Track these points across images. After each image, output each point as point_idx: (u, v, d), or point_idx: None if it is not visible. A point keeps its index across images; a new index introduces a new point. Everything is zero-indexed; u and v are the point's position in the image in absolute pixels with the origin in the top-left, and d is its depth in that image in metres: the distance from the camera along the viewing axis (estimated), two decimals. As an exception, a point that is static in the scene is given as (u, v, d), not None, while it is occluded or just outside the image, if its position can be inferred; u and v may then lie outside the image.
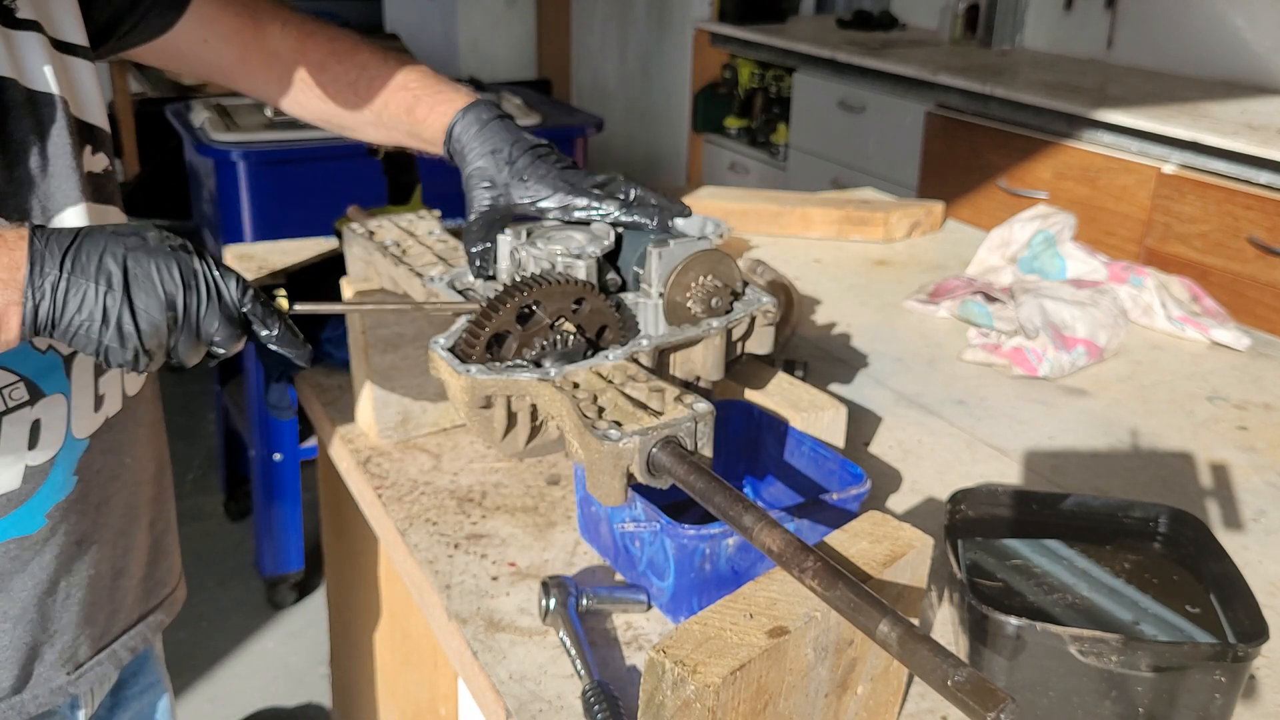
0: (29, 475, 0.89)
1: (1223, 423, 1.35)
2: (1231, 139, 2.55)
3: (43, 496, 0.91)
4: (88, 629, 0.98)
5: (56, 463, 0.91)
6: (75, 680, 0.98)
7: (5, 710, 0.94)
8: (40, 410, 0.89)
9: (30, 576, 0.92)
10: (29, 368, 0.88)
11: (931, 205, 2.06)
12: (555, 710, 0.85)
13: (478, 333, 0.86)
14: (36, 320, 0.72)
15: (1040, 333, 1.44)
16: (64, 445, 0.91)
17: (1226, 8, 3.21)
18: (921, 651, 0.60)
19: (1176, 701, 0.81)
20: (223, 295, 0.77)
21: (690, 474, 0.76)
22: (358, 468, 1.20)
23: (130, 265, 0.73)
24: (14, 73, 0.85)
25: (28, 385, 0.88)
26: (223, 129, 2.62)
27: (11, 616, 0.92)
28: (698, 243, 0.95)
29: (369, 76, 1.11)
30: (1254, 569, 1.05)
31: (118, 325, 0.73)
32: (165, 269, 0.74)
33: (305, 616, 2.73)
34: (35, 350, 0.88)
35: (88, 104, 0.93)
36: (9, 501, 0.89)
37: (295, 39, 1.14)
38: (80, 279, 0.72)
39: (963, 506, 1.00)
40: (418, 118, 1.09)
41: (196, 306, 0.76)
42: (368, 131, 1.16)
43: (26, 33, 0.87)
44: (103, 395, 0.95)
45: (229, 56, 1.13)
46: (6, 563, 0.90)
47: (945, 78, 3.27)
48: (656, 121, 5.10)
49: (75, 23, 0.93)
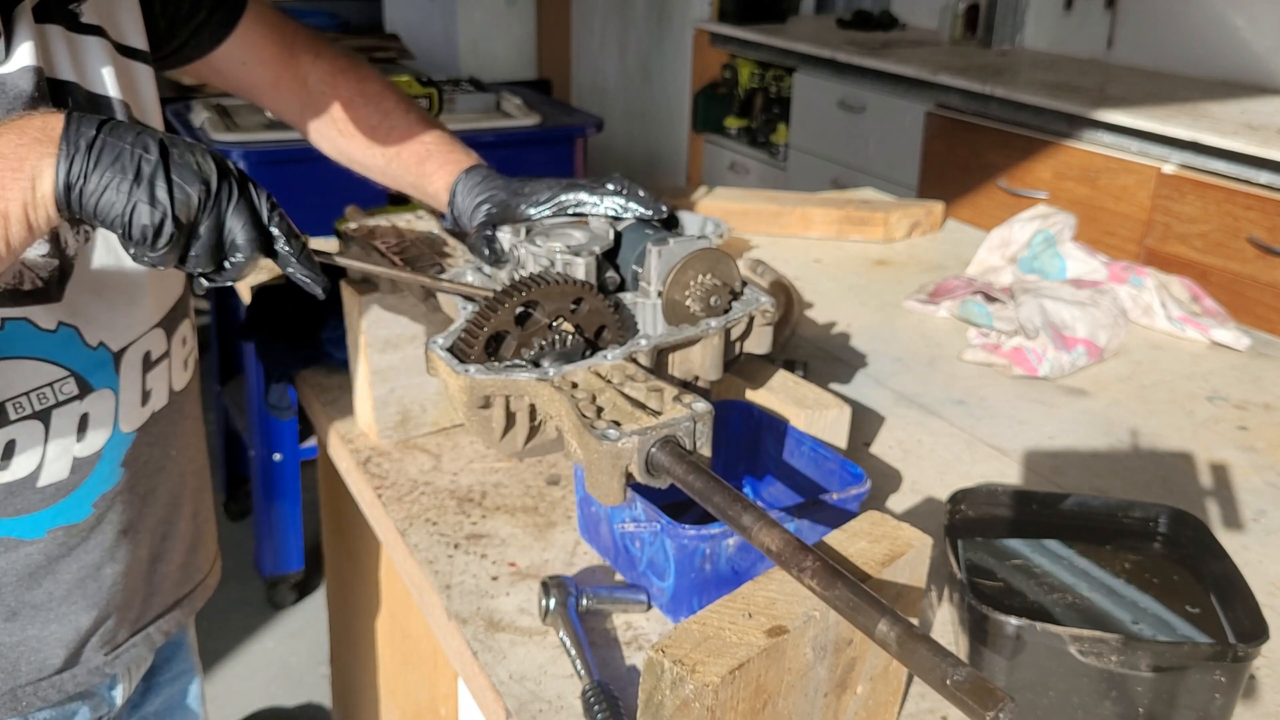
0: (77, 466, 0.93)
1: (1223, 423, 1.35)
2: (1231, 139, 2.55)
3: (90, 487, 0.94)
4: (126, 612, 1.02)
5: (104, 455, 0.94)
6: (112, 661, 1.02)
7: (46, 689, 0.97)
8: (89, 405, 0.92)
9: (75, 561, 0.96)
10: (79, 364, 0.91)
11: (931, 205, 2.06)
12: (555, 710, 0.85)
13: (476, 333, 0.86)
14: (70, 174, 0.70)
15: (1040, 333, 1.44)
16: (111, 438, 0.95)
17: (1226, 8, 3.21)
18: (921, 651, 0.60)
19: (1176, 701, 0.81)
20: (253, 198, 0.77)
21: (689, 474, 0.76)
22: (358, 468, 1.20)
23: (167, 144, 0.73)
24: (76, 76, 0.88)
25: (77, 380, 0.91)
26: (223, 129, 2.62)
27: (57, 597, 0.95)
28: (697, 241, 0.95)
29: (390, 125, 1.17)
30: (1254, 569, 1.05)
31: (150, 184, 0.71)
32: (202, 156, 0.74)
33: (305, 616, 2.73)
34: (86, 347, 0.91)
35: (147, 108, 0.97)
36: (57, 491, 0.92)
37: (327, 73, 1.19)
38: (118, 140, 0.71)
39: (963, 506, 1.00)
40: (426, 171, 1.14)
41: (228, 194, 0.75)
42: (375, 174, 1.20)
43: (90, 37, 0.90)
44: (150, 391, 0.98)
45: (264, 80, 1.17)
46: (54, 548, 0.94)
47: (945, 78, 3.27)
48: (656, 121, 5.10)
49: (137, 28, 0.97)
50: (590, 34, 5.56)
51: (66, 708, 1.00)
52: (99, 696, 1.03)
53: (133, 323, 0.95)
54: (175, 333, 1.01)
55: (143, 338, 0.96)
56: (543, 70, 5.74)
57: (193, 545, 1.10)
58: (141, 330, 0.96)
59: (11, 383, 0.87)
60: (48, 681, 0.97)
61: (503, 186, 1.07)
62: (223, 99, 2.89)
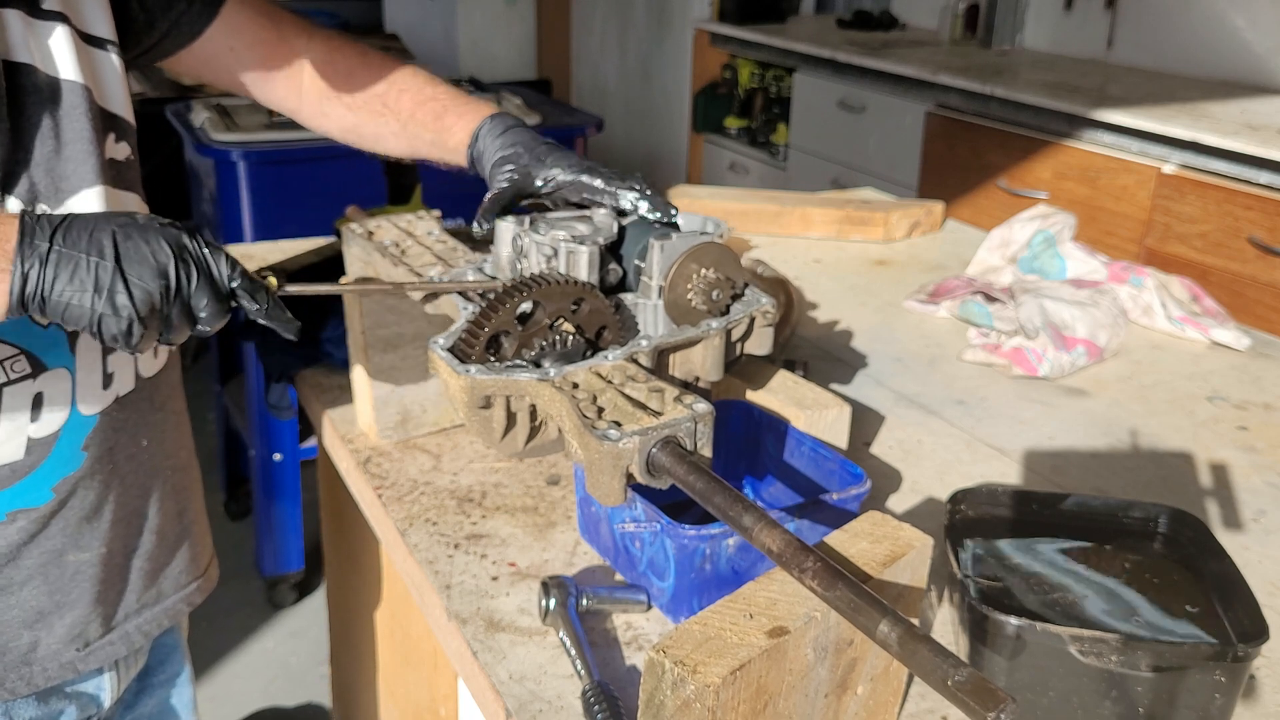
0: (32, 447, 0.91)
1: (1223, 423, 1.35)
2: (1231, 139, 2.55)
3: (48, 469, 0.93)
4: (98, 606, 1.00)
5: (62, 437, 0.93)
6: (85, 658, 1.00)
7: (15, 681, 0.96)
8: (42, 384, 0.91)
9: (37, 547, 0.94)
10: (31, 341, 0.89)
11: (931, 205, 2.06)
12: (555, 710, 0.85)
13: (477, 333, 0.86)
14: (25, 289, 0.72)
15: (1040, 333, 1.44)
16: (69, 420, 0.93)
17: (1226, 8, 3.21)
18: (921, 651, 0.60)
19: (1176, 701, 0.81)
20: (212, 270, 0.79)
21: (690, 474, 0.76)
22: (358, 468, 1.20)
23: (121, 239, 0.74)
24: (34, 60, 0.88)
25: (29, 359, 0.90)
26: (223, 129, 2.62)
27: (17, 582, 0.94)
28: (700, 236, 0.96)
29: (398, 88, 1.16)
30: (1254, 569, 1.05)
31: (110, 294, 0.73)
32: (156, 242, 0.75)
33: (305, 616, 2.73)
34: (38, 325, 0.89)
35: (112, 95, 0.96)
36: (13, 473, 0.91)
37: (323, 50, 1.18)
38: (72, 250, 0.73)
39: (963, 506, 1.00)
40: (445, 124, 1.13)
41: (188, 278, 0.77)
42: (389, 142, 1.19)
43: (51, 23, 0.90)
44: (112, 374, 0.96)
45: (256, 65, 1.16)
46: (14, 533, 0.93)
47: (945, 78, 3.27)
48: (656, 121, 5.10)
49: (104, 18, 0.96)
50: (590, 34, 5.56)
51: (51, 707, 0.99)
52: (86, 697, 1.02)
53: None
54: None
55: None
56: (543, 70, 5.74)
57: (175, 544, 1.08)
58: None
59: None
60: (15, 672, 0.95)
61: (527, 148, 1.06)
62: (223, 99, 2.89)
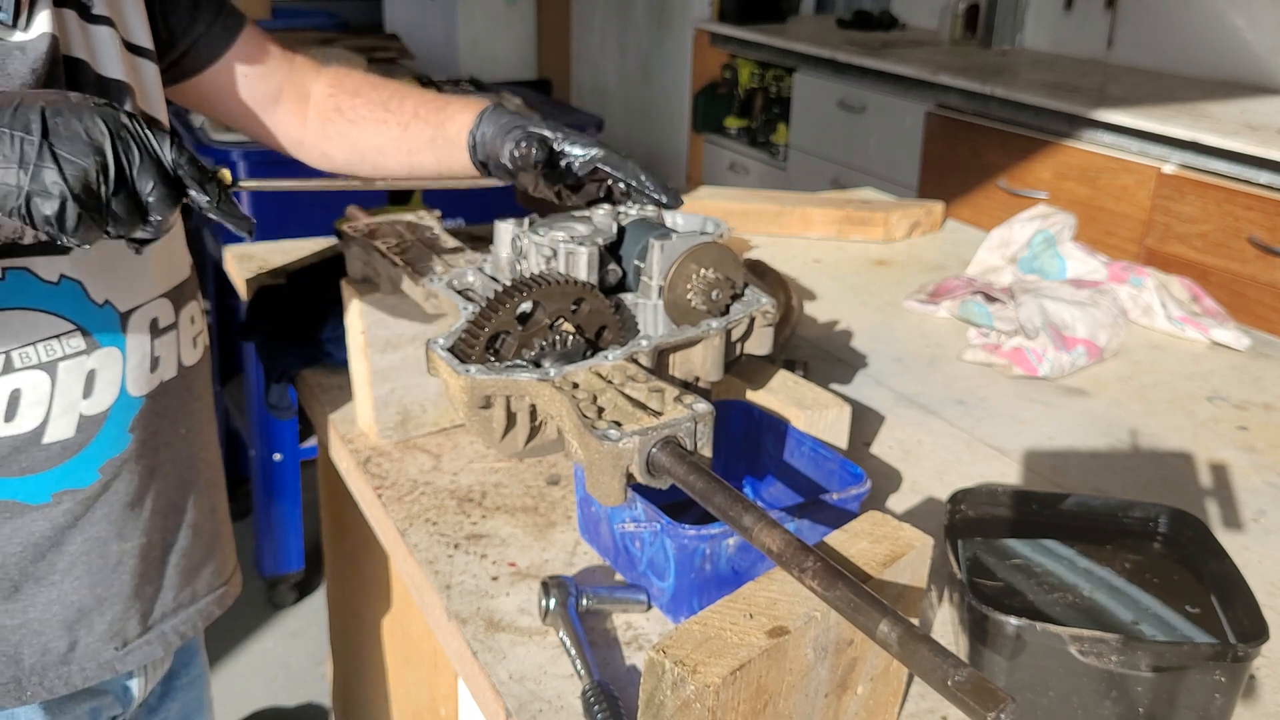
0: (83, 425, 0.92)
1: (1223, 423, 1.35)
2: (1231, 139, 2.55)
3: (96, 449, 0.94)
4: (136, 602, 1.01)
5: (110, 416, 0.94)
6: (123, 657, 1.01)
7: (53, 680, 0.96)
8: (95, 361, 0.92)
9: (81, 533, 0.95)
10: (84, 318, 0.90)
11: (931, 205, 2.06)
12: (555, 710, 0.85)
13: (477, 333, 0.86)
14: None
15: (1040, 333, 1.44)
16: (118, 399, 0.94)
17: (1226, 8, 3.21)
18: (922, 651, 0.60)
19: (1176, 701, 0.81)
20: (156, 151, 0.72)
21: (690, 474, 0.76)
22: (358, 468, 1.20)
23: (49, 115, 0.68)
24: (87, 58, 0.90)
25: (83, 335, 0.91)
26: (222, 129, 2.62)
27: (59, 569, 0.95)
28: (700, 235, 0.96)
29: (401, 95, 1.20)
30: (1254, 569, 1.05)
31: (37, 170, 0.66)
32: (90, 119, 0.69)
33: (305, 616, 2.73)
34: (92, 303, 0.91)
35: (153, 100, 0.99)
36: (63, 450, 0.92)
37: (332, 76, 1.23)
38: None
39: (963, 506, 1.00)
40: (447, 114, 1.15)
41: (129, 158, 0.70)
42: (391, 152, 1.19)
43: (100, 26, 0.92)
44: (158, 358, 0.98)
45: (265, 94, 1.19)
46: (61, 516, 0.93)
47: (945, 78, 3.27)
48: (656, 121, 5.10)
49: (143, 28, 0.99)
50: (590, 34, 5.56)
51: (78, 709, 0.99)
52: (113, 695, 1.02)
53: (136, 287, 0.95)
54: (183, 309, 1.02)
55: (149, 304, 0.97)
56: (543, 70, 5.74)
57: (210, 544, 1.09)
58: (147, 297, 0.96)
59: (16, 332, 0.87)
60: (54, 672, 0.96)
61: (538, 123, 1.08)
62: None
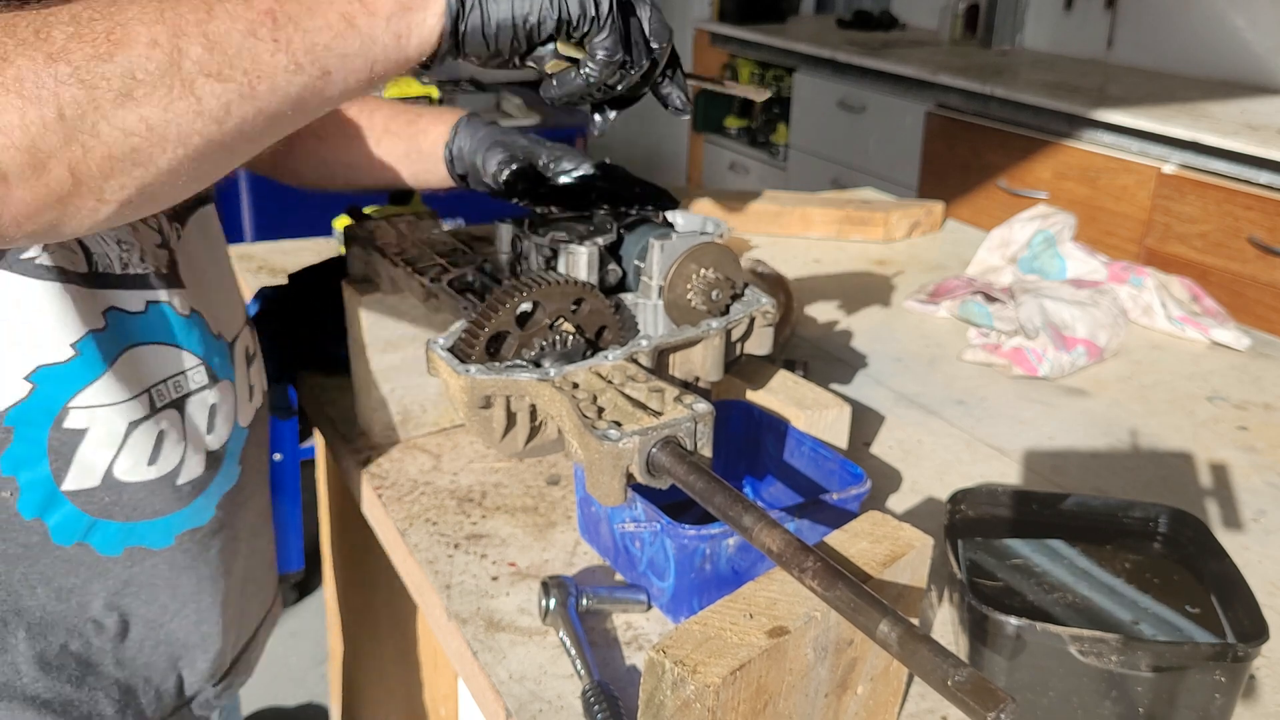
0: (210, 461, 0.89)
1: (1223, 423, 1.35)
2: (1231, 139, 2.55)
3: (217, 485, 0.91)
4: (230, 634, 0.98)
5: (228, 449, 0.91)
6: (221, 693, 0.97)
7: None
8: (215, 394, 0.89)
9: (194, 573, 0.91)
10: (207, 352, 0.88)
11: (931, 205, 2.06)
12: (555, 710, 0.85)
13: (477, 333, 0.86)
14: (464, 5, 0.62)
15: (1040, 333, 1.44)
16: (233, 431, 0.92)
17: (1226, 8, 3.21)
18: (922, 651, 0.60)
19: (1176, 701, 0.81)
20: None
21: (690, 474, 0.76)
22: (358, 468, 1.20)
23: None
24: None
25: (207, 369, 0.88)
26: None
27: (171, 611, 0.90)
28: (700, 235, 0.96)
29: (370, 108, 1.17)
30: (1254, 569, 1.05)
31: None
32: None
33: (305, 616, 2.73)
34: (212, 335, 0.88)
35: None
36: (193, 489, 0.88)
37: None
38: None
39: (963, 506, 1.00)
40: (420, 128, 1.13)
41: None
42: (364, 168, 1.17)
43: None
44: (253, 386, 0.96)
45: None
46: (180, 557, 0.89)
47: (945, 78, 3.27)
48: (656, 121, 5.10)
49: None
50: (590, 34, 5.55)
51: None
52: None
53: (233, 316, 0.94)
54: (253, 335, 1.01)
55: (242, 333, 0.95)
56: (542, 70, 5.73)
57: (269, 568, 1.07)
58: (240, 325, 0.95)
59: (154, 369, 0.83)
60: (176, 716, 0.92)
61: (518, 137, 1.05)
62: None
